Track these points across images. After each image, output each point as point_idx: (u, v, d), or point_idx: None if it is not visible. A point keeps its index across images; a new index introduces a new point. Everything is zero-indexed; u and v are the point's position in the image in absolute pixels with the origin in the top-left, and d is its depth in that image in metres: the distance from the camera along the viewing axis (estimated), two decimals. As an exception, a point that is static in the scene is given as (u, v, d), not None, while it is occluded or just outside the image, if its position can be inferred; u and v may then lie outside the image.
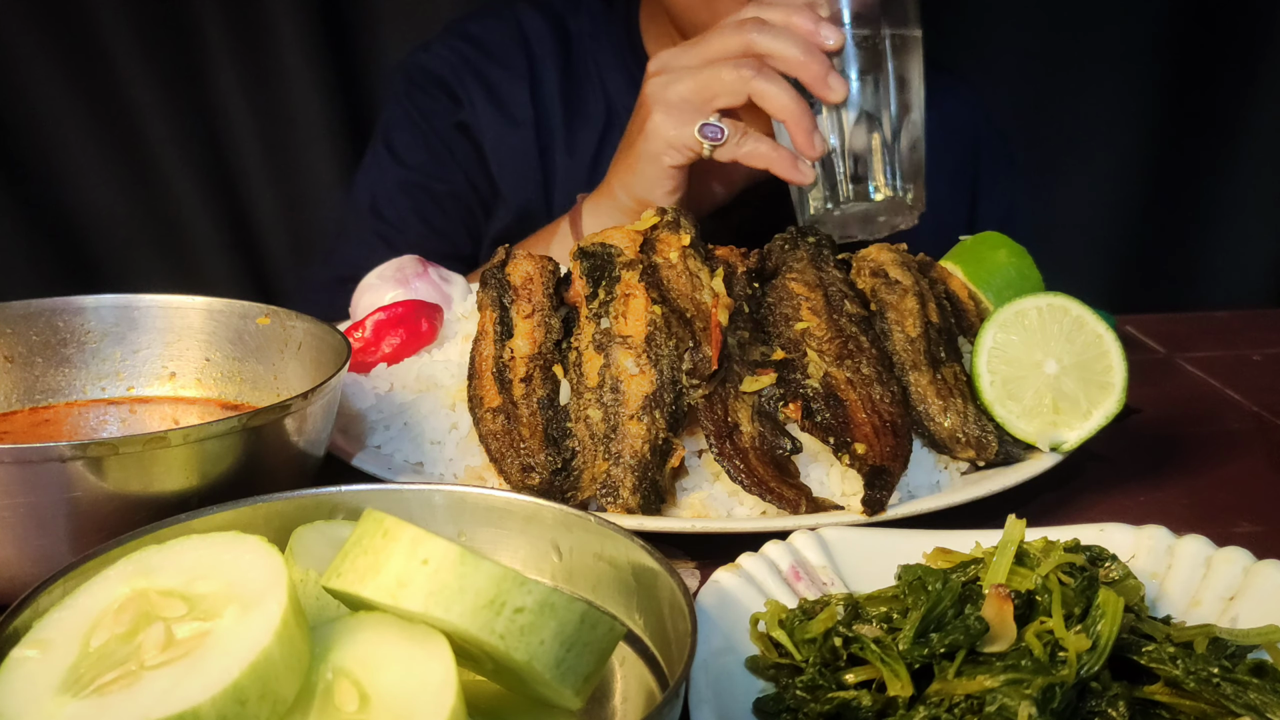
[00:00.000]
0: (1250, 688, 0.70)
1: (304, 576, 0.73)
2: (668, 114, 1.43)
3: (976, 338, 1.14)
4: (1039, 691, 0.67)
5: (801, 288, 1.18)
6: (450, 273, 1.33)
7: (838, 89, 1.38)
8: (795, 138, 1.39)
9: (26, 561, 0.80)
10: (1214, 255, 2.78)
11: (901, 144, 1.42)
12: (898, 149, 1.42)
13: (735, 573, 0.86)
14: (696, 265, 1.15)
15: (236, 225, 2.42)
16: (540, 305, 1.15)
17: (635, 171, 1.47)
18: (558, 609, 0.64)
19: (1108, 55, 2.61)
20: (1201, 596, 0.85)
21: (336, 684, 0.63)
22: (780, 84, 1.38)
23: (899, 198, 1.42)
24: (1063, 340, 1.12)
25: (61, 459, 0.78)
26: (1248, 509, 1.12)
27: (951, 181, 1.87)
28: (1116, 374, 1.11)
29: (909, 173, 1.43)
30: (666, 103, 1.43)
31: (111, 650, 0.62)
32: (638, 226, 1.21)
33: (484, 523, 0.82)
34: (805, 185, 1.42)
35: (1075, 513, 1.10)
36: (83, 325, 1.09)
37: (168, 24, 2.27)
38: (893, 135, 1.41)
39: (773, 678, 0.77)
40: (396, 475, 1.05)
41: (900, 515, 0.99)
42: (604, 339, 1.08)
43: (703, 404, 1.04)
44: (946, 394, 1.12)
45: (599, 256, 1.16)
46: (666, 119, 1.43)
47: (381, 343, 1.20)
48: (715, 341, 1.07)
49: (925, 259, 1.28)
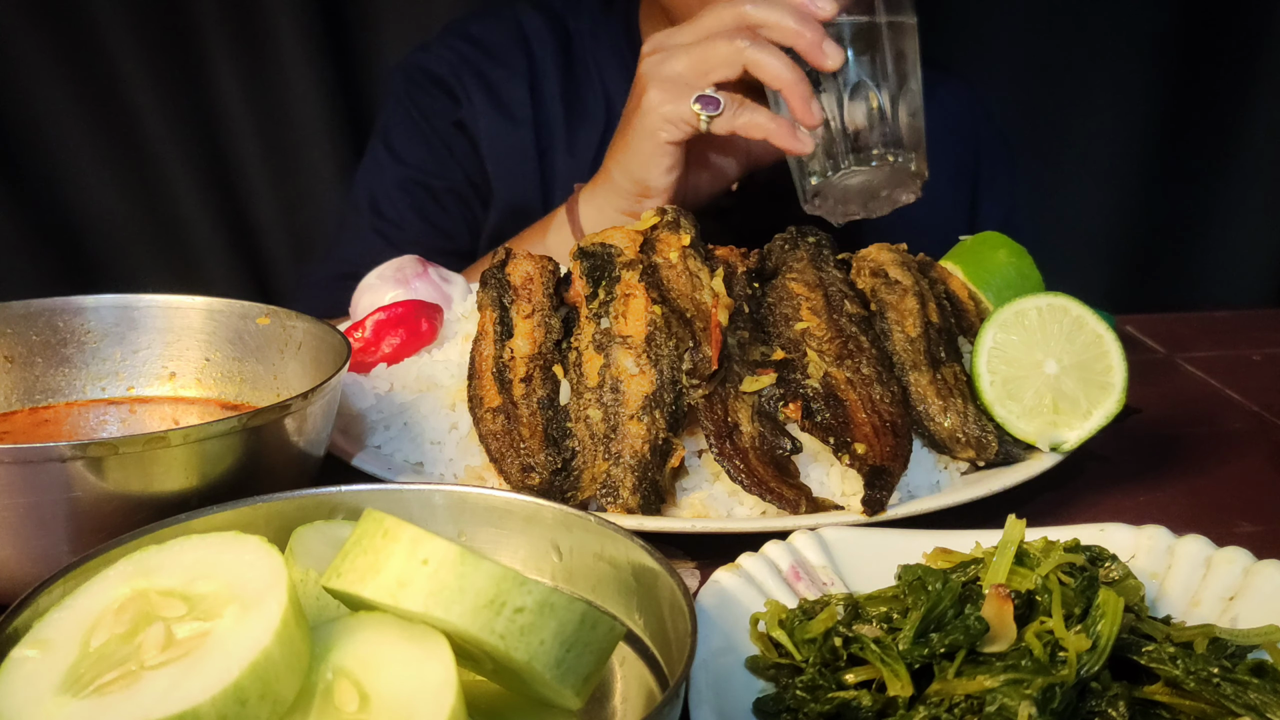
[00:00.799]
0: (1250, 688, 0.70)
1: (304, 576, 0.73)
2: (663, 89, 1.42)
3: (976, 338, 1.14)
4: (1039, 691, 0.67)
5: (801, 288, 1.18)
6: (450, 273, 1.33)
7: (834, 55, 1.36)
8: (792, 105, 1.37)
9: (26, 561, 0.80)
10: (1214, 255, 2.78)
11: (901, 111, 1.40)
12: (898, 116, 1.40)
13: (735, 573, 0.86)
14: (696, 265, 1.15)
15: (236, 225, 2.42)
16: (540, 305, 1.15)
17: (631, 150, 1.46)
18: (558, 609, 0.64)
19: (1108, 55, 2.61)
20: (1201, 596, 0.85)
21: (336, 684, 0.63)
22: (775, 53, 1.37)
23: (901, 164, 1.40)
24: (1063, 340, 1.12)
25: (61, 459, 0.78)
26: (1248, 509, 1.12)
27: (952, 182, 1.87)
28: (1116, 374, 1.11)
29: (910, 140, 1.41)
30: (661, 78, 1.42)
31: (111, 650, 0.62)
32: (638, 226, 1.21)
33: (484, 523, 0.82)
34: (804, 154, 1.40)
35: (1075, 513, 1.10)
36: (83, 325, 1.09)
37: (167, 24, 2.27)
38: (891, 103, 1.39)
39: (773, 678, 0.77)
40: (396, 475, 1.05)
41: (900, 515, 0.99)
42: (604, 339, 1.08)
43: (703, 404, 1.04)
44: (946, 394, 1.12)
45: (599, 256, 1.16)
46: (662, 94, 1.42)
47: (381, 343, 1.20)
48: (715, 341, 1.07)
49: (925, 259, 1.28)
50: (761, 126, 1.39)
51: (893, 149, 1.40)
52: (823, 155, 1.41)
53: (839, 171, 1.40)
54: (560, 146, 1.83)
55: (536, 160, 1.82)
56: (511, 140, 1.82)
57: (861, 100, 1.40)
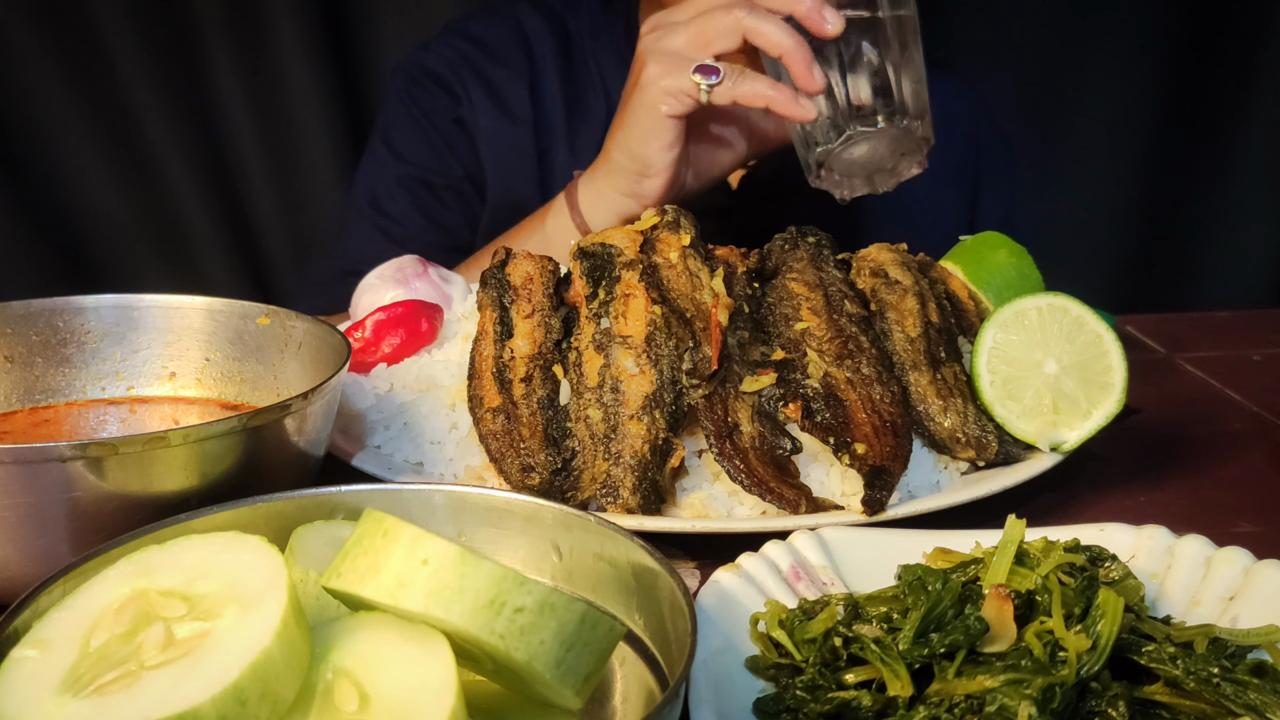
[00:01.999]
0: (1250, 688, 0.70)
1: (304, 576, 0.73)
2: (662, 63, 1.40)
3: (976, 338, 1.14)
4: (1039, 691, 0.67)
5: (801, 288, 1.18)
6: (450, 273, 1.33)
7: (834, 21, 1.34)
8: (794, 70, 1.35)
9: (26, 561, 0.80)
10: (1214, 255, 2.78)
11: (905, 79, 1.37)
12: (901, 83, 1.37)
13: (735, 573, 0.86)
14: (696, 265, 1.15)
15: (236, 225, 2.42)
16: (540, 305, 1.15)
17: (630, 126, 1.44)
18: (557, 609, 0.64)
19: (1108, 55, 2.61)
20: (1201, 596, 0.85)
21: (336, 684, 0.63)
22: (774, 20, 1.36)
23: (906, 127, 1.37)
24: (1063, 340, 1.12)
25: (61, 459, 0.78)
26: (1248, 509, 1.12)
27: (952, 182, 1.87)
28: (1116, 374, 1.11)
29: (915, 107, 1.38)
30: (660, 53, 1.41)
31: (111, 650, 0.62)
32: (638, 226, 1.21)
33: (484, 523, 0.82)
34: (807, 121, 1.38)
35: (1075, 513, 1.09)
36: (83, 325, 1.09)
37: (168, 24, 2.27)
38: (894, 70, 1.37)
39: (773, 678, 0.77)
40: (396, 475, 1.05)
41: (900, 515, 0.99)
42: (604, 339, 1.08)
43: (703, 404, 1.04)
44: (946, 394, 1.12)
45: (599, 256, 1.16)
46: (661, 68, 1.40)
47: (381, 343, 1.20)
48: (715, 341, 1.07)
49: (925, 259, 1.28)
50: (763, 94, 1.37)
51: (897, 113, 1.37)
52: (826, 124, 1.38)
53: (842, 136, 1.37)
54: (561, 145, 1.83)
55: (536, 159, 1.82)
56: (511, 138, 1.82)
57: (863, 68, 1.37)
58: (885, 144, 1.38)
